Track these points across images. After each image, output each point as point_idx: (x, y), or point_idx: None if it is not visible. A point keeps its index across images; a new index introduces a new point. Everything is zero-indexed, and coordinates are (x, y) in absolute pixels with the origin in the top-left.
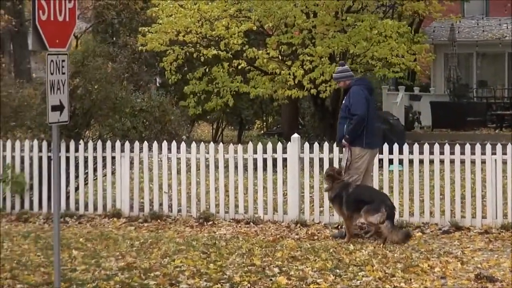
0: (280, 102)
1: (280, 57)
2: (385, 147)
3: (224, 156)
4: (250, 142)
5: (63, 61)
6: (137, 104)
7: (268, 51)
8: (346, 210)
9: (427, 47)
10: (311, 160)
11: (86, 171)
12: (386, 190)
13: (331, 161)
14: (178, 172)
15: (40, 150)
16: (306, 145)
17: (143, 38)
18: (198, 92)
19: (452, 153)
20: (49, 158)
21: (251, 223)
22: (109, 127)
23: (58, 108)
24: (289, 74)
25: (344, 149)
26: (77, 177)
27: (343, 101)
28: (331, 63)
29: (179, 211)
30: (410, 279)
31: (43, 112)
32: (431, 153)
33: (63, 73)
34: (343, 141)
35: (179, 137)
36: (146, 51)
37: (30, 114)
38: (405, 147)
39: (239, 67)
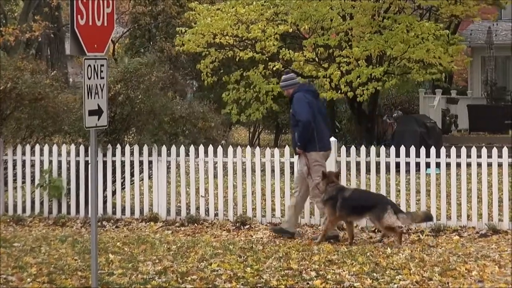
0: None
1: (317, 60)
2: (422, 150)
3: (261, 160)
4: (287, 145)
5: (101, 65)
6: (177, 111)
7: (304, 53)
8: (340, 212)
9: (464, 48)
10: (348, 164)
11: (123, 175)
12: (423, 194)
13: (367, 164)
14: (215, 176)
15: (77, 155)
16: (343, 148)
17: (180, 39)
18: (238, 99)
19: (489, 156)
20: (86, 163)
21: None
22: (148, 133)
23: (96, 112)
24: (325, 76)
25: (299, 156)
26: (114, 181)
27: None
28: (368, 66)
29: (216, 215)
30: (448, 283)
31: (81, 117)
32: (468, 156)
33: (102, 78)
34: (297, 149)
35: (218, 143)
36: (183, 56)
37: (69, 119)
38: (442, 150)
39: (275, 68)
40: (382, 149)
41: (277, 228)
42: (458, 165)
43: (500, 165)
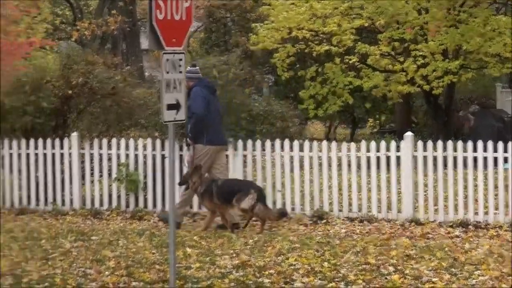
0: (395, 100)
1: (392, 54)
2: (500, 145)
3: (337, 154)
4: (363, 140)
5: (180, 60)
6: (255, 108)
7: (380, 47)
8: (218, 201)
9: None
10: (425, 159)
11: None
12: (501, 189)
13: (444, 159)
14: (291, 170)
15: (153, 149)
16: (420, 143)
17: (255, 37)
18: (315, 95)
19: None
20: (162, 157)
21: (365, 222)
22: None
23: (174, 106)
24: (401, 69)
25: (189, 147)
26: None
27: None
28: (444, 59)
29: (293, 209)
30: None
31: (157, 111)
32: None
33: (180, 72)
34: (187, 139)
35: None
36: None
37: (144, 114)
38: None
39: (351, 62)
40: (459, 143)
41: (165, 216)
42: None
43: None
